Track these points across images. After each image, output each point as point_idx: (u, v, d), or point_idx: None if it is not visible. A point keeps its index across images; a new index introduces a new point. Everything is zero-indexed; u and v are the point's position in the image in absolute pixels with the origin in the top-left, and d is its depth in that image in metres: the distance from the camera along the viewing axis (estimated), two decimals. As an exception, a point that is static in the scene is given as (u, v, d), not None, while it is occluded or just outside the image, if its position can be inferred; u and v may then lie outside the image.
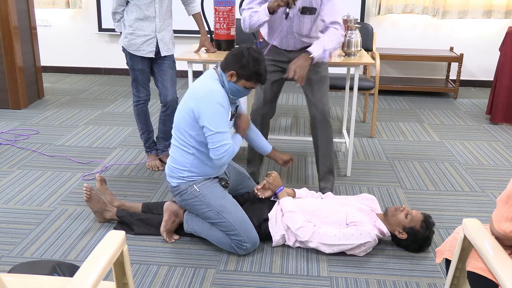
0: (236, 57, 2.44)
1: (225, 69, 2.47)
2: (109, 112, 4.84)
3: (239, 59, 2.42)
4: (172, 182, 2.57)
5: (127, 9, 3.25)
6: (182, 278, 2.34)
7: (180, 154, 2.53)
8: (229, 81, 2.46)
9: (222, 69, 2.48)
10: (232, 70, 2.44)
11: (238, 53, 2.44)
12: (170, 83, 3.39)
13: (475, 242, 1.55)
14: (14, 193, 3.14)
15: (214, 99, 2.39)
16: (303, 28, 2.87)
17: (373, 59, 3.93)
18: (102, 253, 1.38)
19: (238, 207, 2.55)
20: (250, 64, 2.41)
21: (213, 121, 2.38)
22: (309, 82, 2.94)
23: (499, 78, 4.52)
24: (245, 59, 2.41)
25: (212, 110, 2.38)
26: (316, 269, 2.42)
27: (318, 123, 2.98)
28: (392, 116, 4.84)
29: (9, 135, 4.16)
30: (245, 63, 2.41)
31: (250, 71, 2.42)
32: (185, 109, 2.46)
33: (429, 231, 2.53)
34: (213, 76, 2.49)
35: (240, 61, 2.42)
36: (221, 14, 3.38)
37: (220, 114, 2.40)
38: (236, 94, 2.50)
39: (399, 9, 5.69)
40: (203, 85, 2.45)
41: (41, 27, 6.13)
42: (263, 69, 2.44)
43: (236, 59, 2.43)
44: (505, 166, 3.68)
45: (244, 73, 2.43)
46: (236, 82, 2.45)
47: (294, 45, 2.94)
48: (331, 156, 3.06)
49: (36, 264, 1.97)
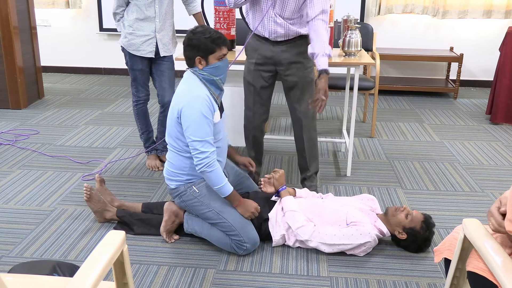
0: (187, 46, 2.42)
1: (191, 64, 2.46)
2: (109, 112, 4.84)
3: (190, 44, 2.41)
4: (170, 184, 2.57)
5: (128, 9, 3.25)
6: (182, 278, 2.34)
7: (177, 158, 2.53)
8: (203, 68, 2.43)
9: (190, 66, 2.48)
10: (195, 58, 2.42)
11: (185, 41, 2.43)
12: (168, 84, 3.39)
13: (475, 242, 1.55)
14: (14, 193, 3.14)
15: (196, 107, 2.37)
16: (287, 8, 2.76)
17: (373, 59, 3.93)
18: (102, 253, 1.38)
19: None
20: (201, 39, 2.38)
21: (194, 129, 2.38)
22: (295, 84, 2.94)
23: (499, 78, 4.52)
24: (194, 40, 2.39)
25: (193, 118, 2.37)
26: (316, 269, 2.42)
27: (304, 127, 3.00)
28: (392, 116, 4.84)
29: (9, 135, 4.16)
30: (196, 43, 2.39)
31: (206, 44, 2.39)
32: (173, 117, 2.46)
33: (429, 232, 2.53)
34: (191, 77, 2.47)
35: (192, 45, 2.40)
36: (221, 14, 3.38)
37: (201, 122, 2.37)
38: (218, 72, 2.45)
39: (399, 9, 5.69)
40: (185, 91, 2.44)
41: (41, 27, 6.13)
42: (213, 32, 2.41)
43: (188, 47, 2.42)
44: (505, 166, 3.68)
45: (204, 50, 2.40)
46: (208, 64, 2.43)
47: (277, 32, 2.82)
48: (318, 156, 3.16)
49: (36, 264, 1.97)
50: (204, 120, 2.38)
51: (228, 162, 2.80)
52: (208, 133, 2.40)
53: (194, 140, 2.38)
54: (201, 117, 2.37)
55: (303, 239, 2.50)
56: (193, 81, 2.46)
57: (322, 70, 2.73)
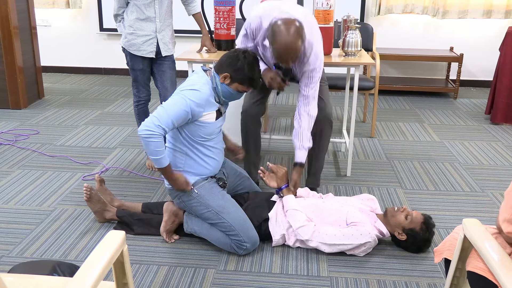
0: (231, 59, 2.43)
1: (218, 70, 2.47)
2: (109, 112, 4.84)
3: (234, 62, 2.42)
4: (169, 185, 2.57)
5: (128, 10, 3.25)
6: (182, 278, 2.34)
7: (174, 155, 2.54)
8: (222, 83, 2.45)
9: (216, 70, 2.48)
10: (226, 73, 2.43)
11: (233, 56, 2.44)
12: (169, 84, 3.39)
13: (475, 242, 1.55)
14: (14, 193, 3.14)
15: (189, 93, 2.38)
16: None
17: (373, 59, 3.93)
18: (102, 253, 1.38)
19: (237, 207, 2.55)
20: (244, 68, 2.41)
21: (169, 102, 2.37)
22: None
23: (499, 78, 4.52)
24: (240, 63, 2.41)
25: (178, 96, 2.38)
26: (316, 269, 2.42)
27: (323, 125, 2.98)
28: (392, 116, 4.84)
29: (9, 135, 4.16)
30: (239, 66, 2.41)
31: (244, 75, 2.42)
32: None
33: (429, 233, 2.52)
34: (203, 78, 2.48)
35: (234, 64, 2.42)
36: (221, 14, 3.38)
37: (179, 103, 2.36)
38: (228, 97, 2.50)
39: (399, 9, 5.69)
40: (189, 82, 2.46)
41: (41, 27, 6.13)
42: (257, 74, 2.45)
43: (231, 62, 2.43)
44: (505, 166, 3.68)
45: (238, 76, 2.43)
46: (229, 85, 2.45)
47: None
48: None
49: (36, 264, 1.97)
50: (184, 104, 2.36)
51: (229, 162, 2.80)
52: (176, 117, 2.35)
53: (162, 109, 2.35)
54: (184, 101, 2.36)
55: (304, 239, 2.50)
56: (203, 80, 2.47)
57: (297, 163, 2.79)
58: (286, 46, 2.43)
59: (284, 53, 2.46)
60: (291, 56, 2.47)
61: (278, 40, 2.45)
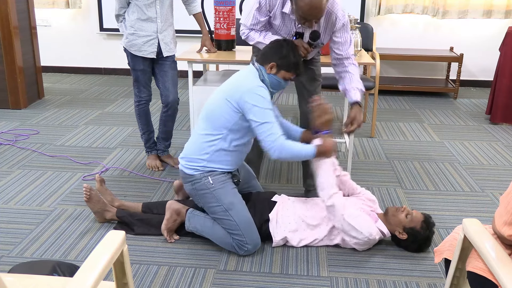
0: (275, 49, 2.48)
1: (263, 62, 2.50)
2: (109, 112, 4.84)
3: (279, 50, 2.46)
4: (186, 170, 2.54)
5: (129, 10, 3.25)
6: (182, 278, 2.34)
7: (204, 140, 2.51)
8: (269, 74, 2.49)
9: (261, 62, 2.51)
10: (271, 62, 2.47)
11: (277, 45, 2.49)
12: (171, 84, 3.39)
13: (475, 242, 1.55)
14: (14, 193, 3.14)
15: (259, 93, 2.42)
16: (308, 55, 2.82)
17: (373, 59, 3.93)
18: (102, 253, 1.38)
19: (245, 208, 2.54)
20: (290, 55, 2.45)
21: (259, 113, 2.40)
22: (303, 83, 2.94)
23: (499, 78, 4.52)
24: (285, 50, 2.46)
25: (257, 102, 2.40)
26: (316, 269, 2.42)
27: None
28: (392, 116, 4.84)
29: (9, 135, 4.16)
30: (285, 53, 2.45)
31: (290, 61, 2.46)
32: (224, 100, 2.46)
33: (429, 232, 2.53)
34: (253, 72, 2.51)
35: (280, 52, 2.46)
36: (221, 14, 3.38)
37: (265, 106, 2.41)
38: (276, 86, 2.53)
39: (399, 9, 5.69)
40: (247, 79, 2.48)
41: (41, 27, 6.13)
42: (300, 59, 2.49)
43: (276, 51, 2.47)
44: (505, 166, 3.68)
45: (284, 63, 2.46)
46: (276, 74, 2.49)
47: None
48: None
49: (36, 264, 1.97)
50: (267, 103, 2.42)
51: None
52: (271, 116, 2.42)
53: (263, 122, 2.40)
54: (263, 100, 2.41)
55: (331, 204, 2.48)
56: (254, 75, 2.50)
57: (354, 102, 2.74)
58: (311, 2, 2.40)
59: (308, 9, 2.42)
60: (316, 12, 2.44)
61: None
